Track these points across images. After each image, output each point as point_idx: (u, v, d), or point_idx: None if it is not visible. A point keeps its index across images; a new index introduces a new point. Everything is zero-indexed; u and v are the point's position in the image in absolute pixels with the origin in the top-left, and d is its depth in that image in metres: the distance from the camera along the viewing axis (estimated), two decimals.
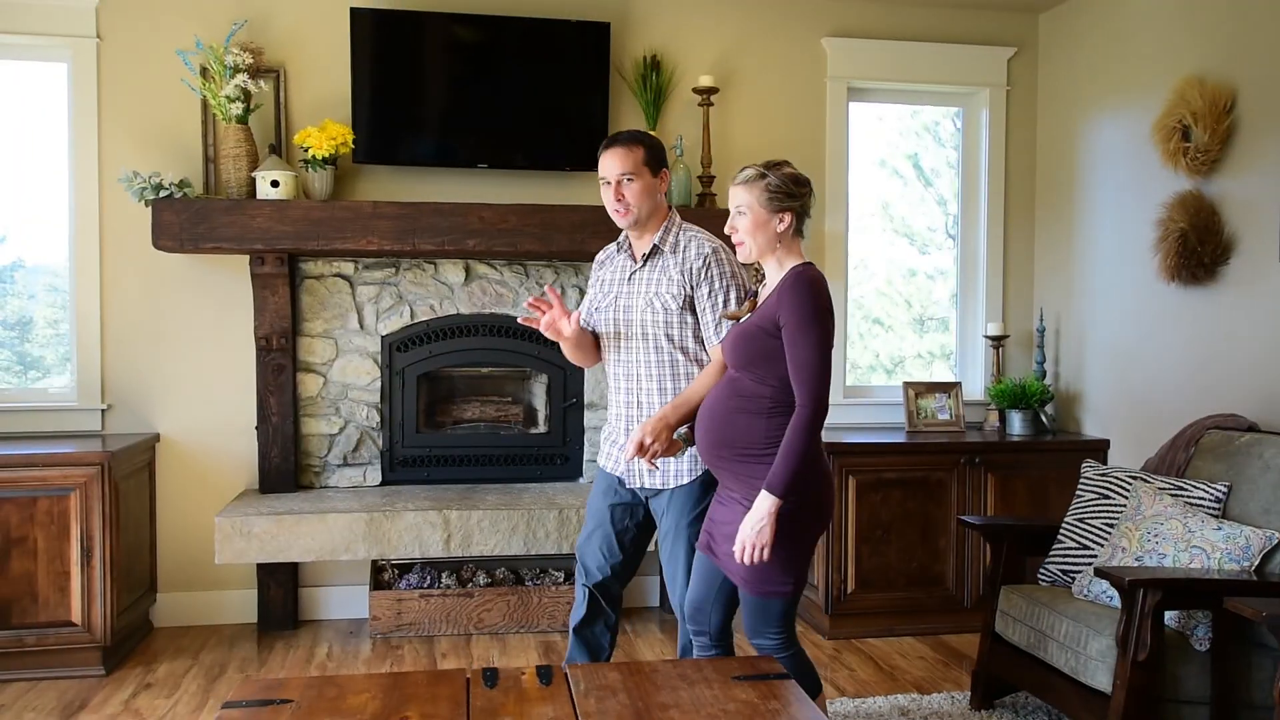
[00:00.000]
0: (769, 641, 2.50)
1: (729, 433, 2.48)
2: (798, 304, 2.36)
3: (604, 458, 2.93)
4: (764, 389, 2.43)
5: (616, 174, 2.71)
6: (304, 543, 3.84)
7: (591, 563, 2.89)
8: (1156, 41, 4.02)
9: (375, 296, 4.32)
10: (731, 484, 2.52)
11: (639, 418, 2.79)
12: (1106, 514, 3.23)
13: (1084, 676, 2.85)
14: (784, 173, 2.47)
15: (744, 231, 2.48)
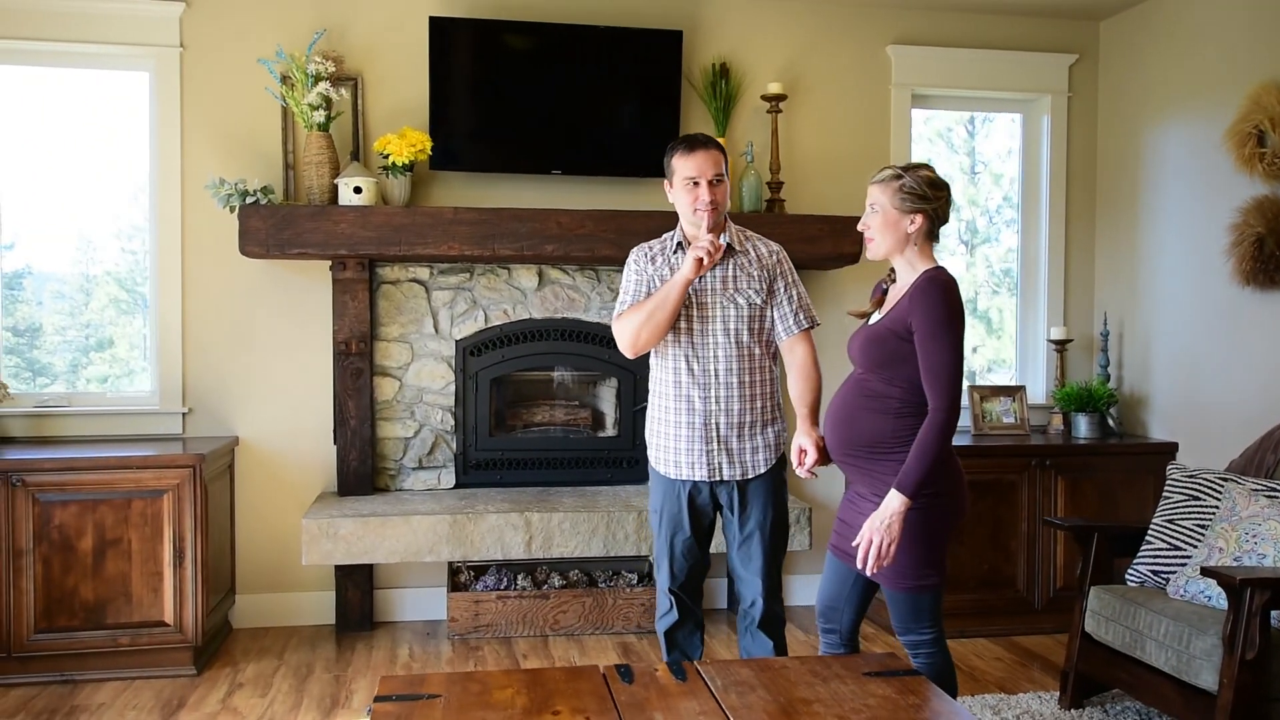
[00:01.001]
0: (922, 636, 2.54)
1: (858, 431, 2.52)
2: (931, 308, 2.41)
3: (670, 465, 2.87)
4: (893, 389, 2.48)
5: (711, 173, 2.78)
6: (389, 544, 3.89)
7: (677, 566, 2.90)
8: (1227, 49, 4.06)
9: (450, 301, 4.37)
10: (860, 482, 2.56)
11: (720, 414, 2.83)
12: (1197, 515, 3.26)
13: (1187, 675, 2.88)
14: (920, 175, 2.52)
15: (874, 229, 2.53)
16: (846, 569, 2.64)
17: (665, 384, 2.87)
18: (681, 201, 2.83)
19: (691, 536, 2.89)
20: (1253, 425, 3.82)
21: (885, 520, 2.39)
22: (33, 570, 3.60)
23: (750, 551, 2.88)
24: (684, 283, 2.74)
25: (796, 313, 2.91)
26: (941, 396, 2.39)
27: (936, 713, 2.09)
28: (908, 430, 2.46)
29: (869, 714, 2.07)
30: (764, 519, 2.88)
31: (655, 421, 2.91)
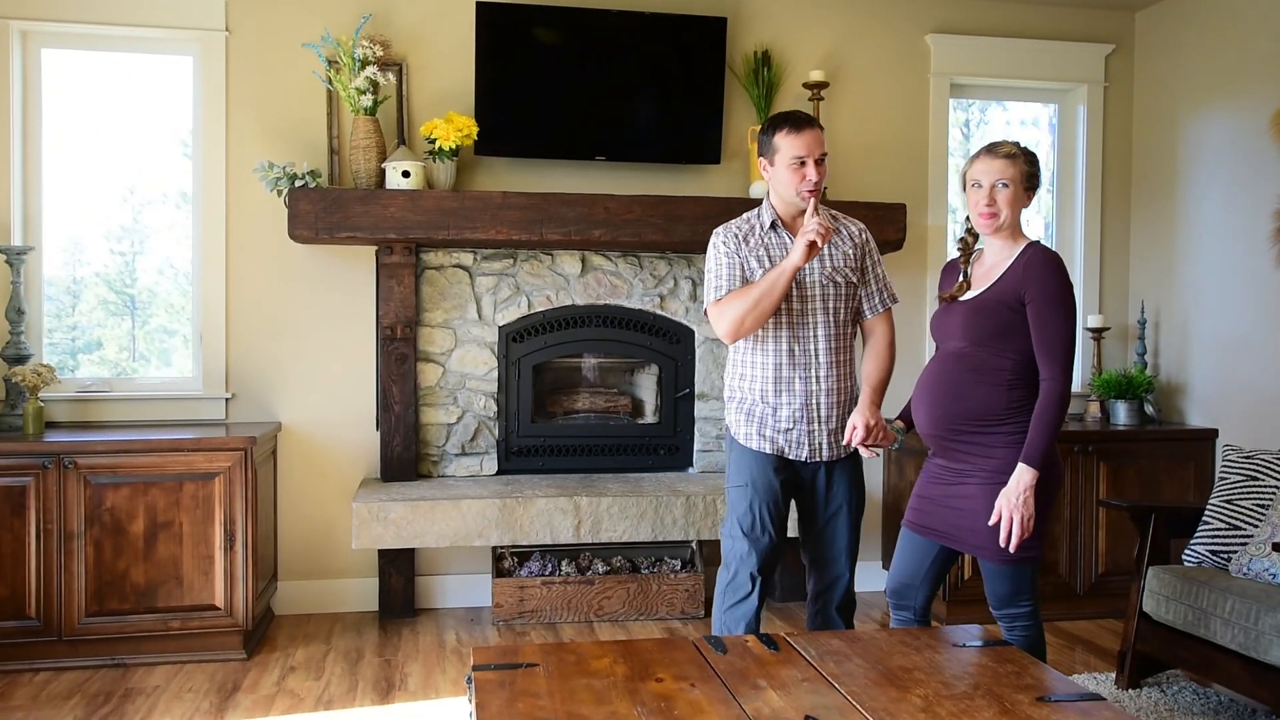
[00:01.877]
0: (1020, 609, 2.54)
1: (966, 405, 2.53)
2: (1049, 280, 2.44)
3: (766, 443, 2.84)
4: (1004, 361, 2.49)
5: (819, 152, 2.75)
6: (438, 528, 3.88)
7: (760, 550, 2.81)
8: (1270, 37, 4.08)
9: (493, 287, 4.36)
10: (963, 457, 2.56)
11: (820, 394, 2.82)
12: (1256, 495, 3.28)
13: (1256, 652, 2.89)
14: (1032, 154, 2.54)
15: (1004, 202, 2.52)
16: (926, 545, 2.65)
17: (764, 367, 2.82)
18: (785, 180, 2.77)
19: (777, 518, 2.84)
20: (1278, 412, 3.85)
21: (1021, 495, 2.41)
22: (84, 553, 3.58)
23: (836, 530, 2.87)
24: (794, 269, 2.68)
25: (880, 291, 2.92)
26: (1059, 367, 2.41)
27: (1038, 679, 2.09)
28: (1020, 401, 2.47)
29: (971, 680, 2.07)
30: (851, 497, 2.87)
31: (749, 403, 2.84)
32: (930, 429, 2.61)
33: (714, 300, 2.80)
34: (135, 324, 4.34)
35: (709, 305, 2.83)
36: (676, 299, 4.50)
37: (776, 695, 1.99)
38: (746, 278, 2.81)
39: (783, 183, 2.80)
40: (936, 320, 2.69)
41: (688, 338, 4.52)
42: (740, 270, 2.81)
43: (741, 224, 2.92)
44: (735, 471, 2.89)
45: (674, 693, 2.00)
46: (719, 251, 2.87)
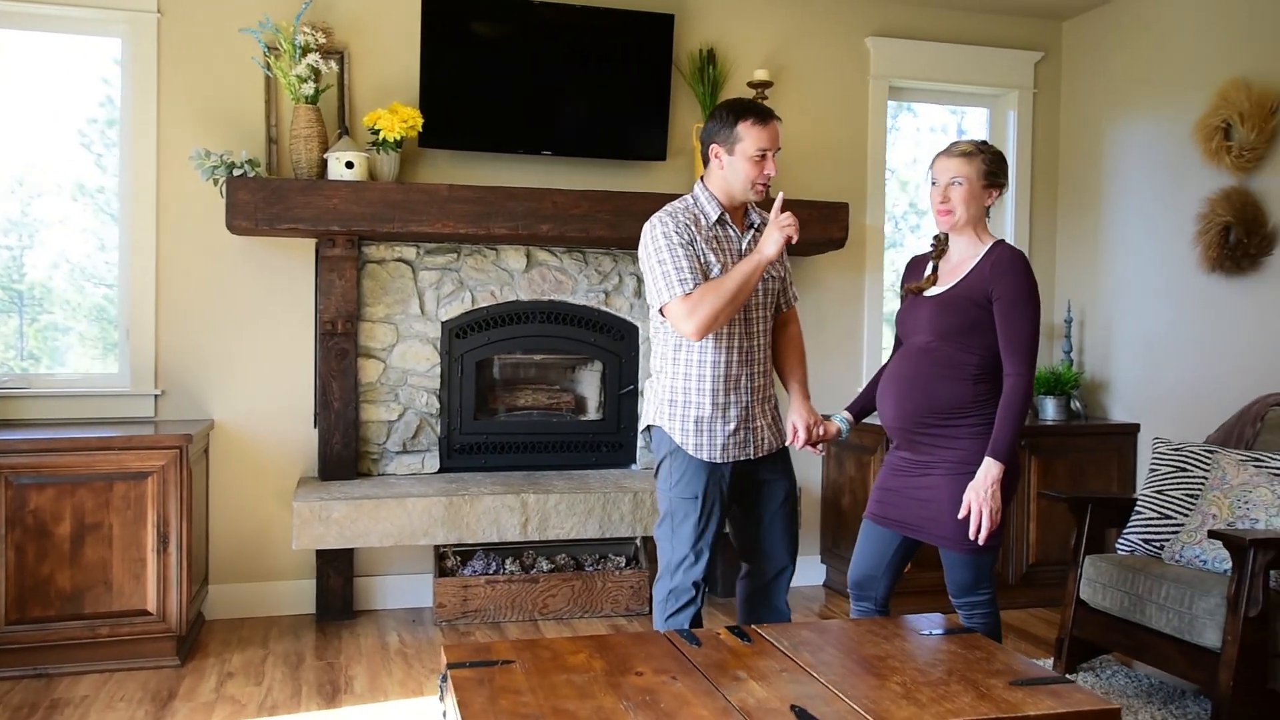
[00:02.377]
0: (980, 597, 2.60)
1: (933, 399, 2.57)
2: (1019, 281, 2.50)
3: (716, 450, 2.74)
4: (970, 357, 2.54)
5: (777, 146, 2.73)
6: (383, 528, 3.80)
7: (706, 560, 2.76)
8: (1194, 49, 4.27)
9: (437, 282, 4.29)
10: (927, 450, 2.61)
11: (764, 389, 2.82)
12: (1185, 485, 3.42)
13: (1191, 635, 3.02)
14: (994, 151, 2.60)
15: (958, 201, 2.57)
16: (889, 536, 2.69)
17: (715, 366, 2.73)
18: (742, 172, 2.70)
19: (723, 520, 2.82)
20: (1217, 405, 4.03)
21: (989, 488, 2.46)
22: (4, 557, 3.40)
23: (782, 521, 2.88)
24: (769, 262, 2.64)
25: (792, 285, 2.96)
26: (1024, 364, 2.47)
27: (1007, 664, 2.14)
28: (984, 395, 2.53)
29: (945, 667, 2.11)
30: (790, 487, 2.90)
31: (695, 409, 2.74)
32: (896, 422, 2.66)
33: (682, 294, 2.62)
34: (24, 321, 4.11)
35: (674, 300, 2.64)
36: (621, 295, 4.49)
37: (759, 686, 1.99)
38: (704, 271, 2.71)
39: (738, 174, 2.71)
40: (903, 315, 2.74)
41: (632, 334, 4.51)
42: (699, 263, 2.69)
43: (683, 214, 2.74)
44: (684, 483, 2.76)
45: (656, 686, 1.99)
46: (671, 242, 2.67)
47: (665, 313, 2.71)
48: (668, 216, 2.76)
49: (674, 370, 2.79)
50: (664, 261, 2.69)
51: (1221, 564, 3.13)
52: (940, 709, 1.87)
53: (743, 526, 2.91)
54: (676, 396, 2.78)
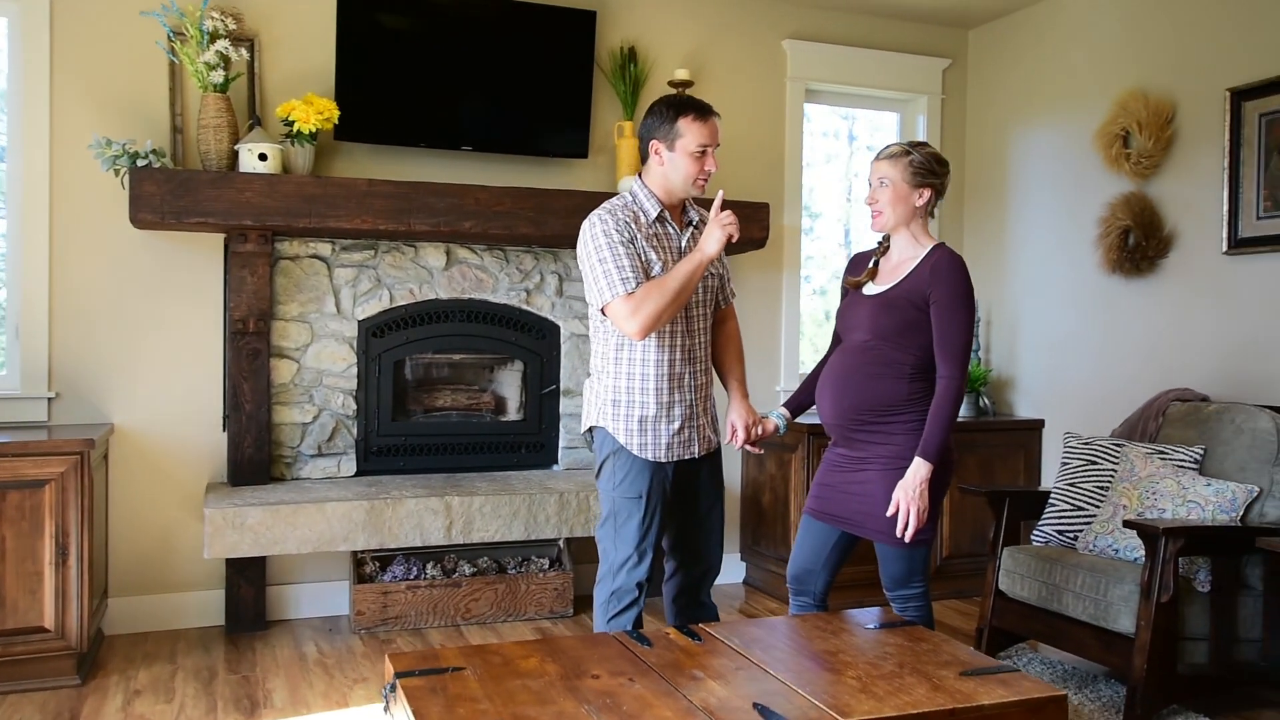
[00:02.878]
0: (914, 590, 2.64)
1: (871, 396, 2.60)
2: (955, 284, 2.55)
3: (661, 450, 2.72)
4: (907, 356, 2.58)
5: (717, 142, 2.72)
6: (300, 534, 3.66)
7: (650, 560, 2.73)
8: (1094, 60, 4.46)
9: (353, 279, 4.16)
10: (863, 446, 2.64)
11: (706, 387, 2.83)
12: (1096, 478, 3.56)
13: (1106, 621, 3.14)
14: (926, 152, 2.63)
15: (884, 203, 2.62)
16: (827, 531, 2.72)
17: (659, 364, 2.71)
18: (682, 168, 2.69)
19: (666, 520, 2.80)
20: (1116, 400, 4.21)
21: (917, 487, 2.50)
22: None
23: (712, 521, 2.89)
24: (710, 260, 2.63)
25: (730, 282, 2.96)
26: (956, 366, 2.52)
27: (954, 655, 2.19)
28: (919, 393, 2.58)
29: (895, 660, 2.14)
30: (721, 486, 2.91)
31: (639, 408, 2.71)
32: (834, 419, 2.69)
33: (625, 293, 2.59)
34: None
35: (616, 299, 2.61)
36: (543, 294, 4.43)
37: (717, 685, 1.98)
38: (645, 269, 2.68)
39: (679, 170, 2.70)
40: (843, 312, 2.77)
41: (553, 333, 4.47)
42: (640, 261, 2.67)
43: (623, 211, 2.71)
44: (628, 482, 2.73)
45: (615, 689, 1.96)
46: (612, 240, 2.64)
47: (607, 312, 2.68)
48: (607, 214, 2.73)
49: (616, 370, 2.76)
50: (605, 260, 2.66)
51: (1132, 552, 3.26)
52: (899, 701, 1.89)
53: (677, 526, 2.89)
54: (620, 396, 2.75)
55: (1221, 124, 3.86)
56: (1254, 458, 3.31)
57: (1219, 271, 3.90)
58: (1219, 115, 3.87)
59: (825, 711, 1.84)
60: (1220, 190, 3.86)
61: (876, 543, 2.66)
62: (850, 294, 2.77)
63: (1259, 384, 3.71)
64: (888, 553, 2.64)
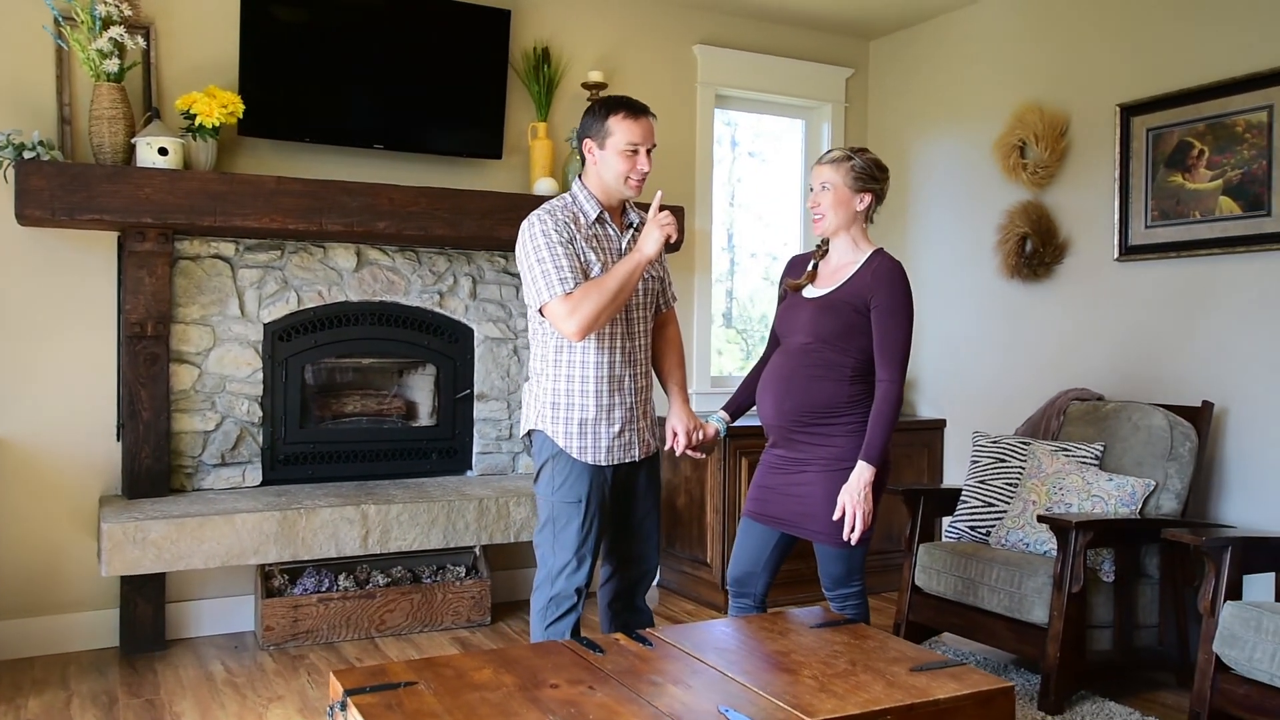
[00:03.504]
0: (852, 589, 2.68)
1: (812, 398, 2.63)
2: (896, 291, 2.61)
3: (601, 453, 2.70)
4: (847, 359, 2.62)
5: (651, 142, 2.70)
6: (208, 548, 3.49)
7: (590, 564, 2.72)
8: (992, 73, 4.64)
9: (258, 281, 3.99)
10: (804, 447, 2.67)
11: (646, 390, 2.82)
12: (1005, 475, 3.71)
13: (1020, 613, 3.27)
14: (868, 158, 2.68)
15: (826, 206, 2.66)
16: (767, 533, 2.75)
17: (598, 366, 2.69)
18: (614, 167, 2.67)
19: (605, 525, 2.78)
20: (1015, 401, 4.40)
21: (861, 491, 2.53)
22: None
23: (650, 525, 2.88)
24: (649, 261, 2.61)
25: (670, 286, 2.96)
26: (896, 369, 2.57)
27: (901, 651, 2.23)
28: (859, 395, 2.62)
29: (846, 658, 2.17)
30: (659, 490, 2.91)
31: (579, 410, 2.69)
32: (776, 420, 2.72)
33: (563, 293, 2.57)
34: None
35: (554, 299, 2.59)
36: (456, 296, 4.35)
37: (678, 690, 1.97)
38: (584, 270, 2.67)
39: (611, 169, 2.69)
40: (783, 314, 2.80)
41: (467, 337, 4.39)
42: (579, 261, 2.65)
43: (563, 212, 2.70)
44: (567, 486, 2.71)
45: (577, 698, 1.92)
46: (551, 240, 2.62)
47: (545, 312, 2.66)
48: (546, 215, 2.70)
49: (555, 373, 2.73)
50: (543, 260, 2.64)
51: (1042, 546, 3.41)
52: (860, 699, 1.92)
53: (614, 529, 2.87)
54: (559, 399, 2.72)
55: (1113, 137, 4.07)
56: (1150, 453, 3.50)
57: (1111, 277, 4.11)
58: (1110, 129, 4.08)
59: (791, 712, 1.85)
60: (1112, 200, 4.07)
61: (817, 544, 2.70)
62: (790, 296, 2.80)
63: (1149, 383, 3.93)
64: (828, 553, 2.68)
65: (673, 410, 2.83)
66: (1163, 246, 3.90)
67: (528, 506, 3.99)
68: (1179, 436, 3.48)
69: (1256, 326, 3.61)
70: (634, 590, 2.90)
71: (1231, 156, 3.67)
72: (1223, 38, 3.71)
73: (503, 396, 4.44)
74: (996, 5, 4.63)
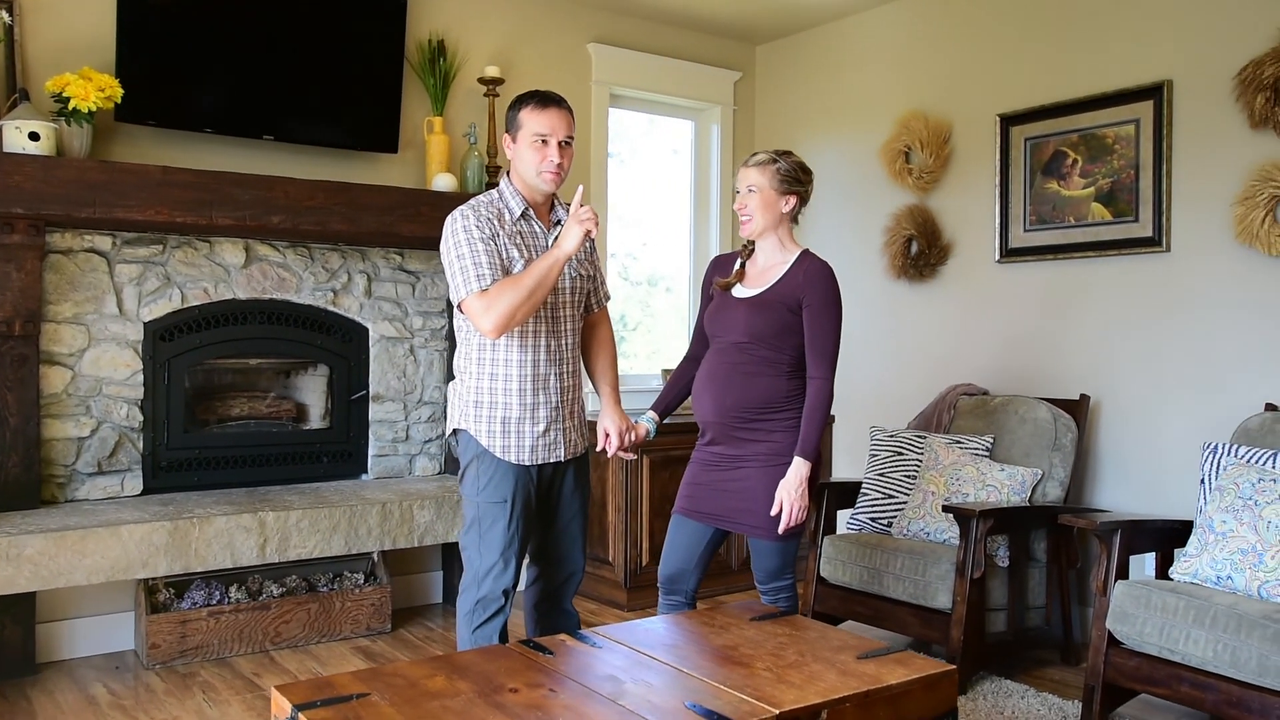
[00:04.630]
0: (784, 581, 2.73)
1: (751, 394, 2.67)
2: (827, 289, 2.68)
3: (525, 451, 2.66)
4: (783, 356, 2.67)
5: (565, 133, 2.65)
6: (91, 562, 3.25)
7: (516, 565, 2.67)
8: (877, 81, 4.82)
9: (138, 277, 3.75)
10: (742, 444, 2.70)
11: (572, 389, 2.79)
12: (903, 467, 3.86)
13: (925, 600, 3.41)
14: (792, 160, 2.73)
15: (753, 208, 2.69)
16: (700, 530, 2.77)
17: (521, 365, 2.65)
18: (526, 159, 2.64)
19: (532, 524, 2.74)
20: (903, 396, 4.58)
21: (798, 487, 2.58)
22: None
23: (577, 526, 2.86)
24: (567, 258, 2.56)
25: (602, 285, 2.94)
26: (828, 367, 2.64)
27: (843, 640, 2.29)
28: (795, 390, 2.67)
29: (793, 649, 2.22)
30: (587, 491, 2.89)
31: (501, 408, 2.65)
32: (715, 416, 2.74)
33: (478, 290, 2.53)
34: None
35: (470, 295, 2.55)
36: (350, 295, 4.20)
37: (638, 688, 1.97)
38: (506, 267, 2.63)
39: (524, 161, 2.66)
40: (713, 314, 2.82)
41: (361, 336, 4.25)
42: (500, 258, 2.61)
43: (487, 207, 2.65)
44: (492, 486, 2.66)
45: (540, 701, 1.89)
46: (472, 236, 2.58)
47: (463, 309, 2.62)
48: (470, 210, 2.66)
49: (479, 371, 2.68)
50: (463, 256, 2.59)
51: (942, 535, 3.56)
52: (818, 688, 1.96)
53: (540, 531, 2.84)
54: (483, 398, 2.67)
55: (994, 146, 4.29)
56: (1036, 444, 3.71)
57: (992, 278, 4.33)
58: (991, 138, 4.31)
59: (757, 705, 1.87)
60: (993, 205, 4.29)
61: (752, 538, 2.74)
62: (719, 296, 2.83)
63: (1029, 377, 4.16)
64: (764, 548, 2.73)
65: (604, 411, 2.82)
66: (1040, 249, 4.14)
67: (432, 509, 3.89)
68: (1061, 428, 3.70)
69: (1125, 324, 3.88)
70: (561, 592, 2.87)
71: (1103, 166, 3.93)
72: (1095, 56, 3.97)
73: (399, 397, 4.32)
74: (881, 17, 4.81)
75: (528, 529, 2.72)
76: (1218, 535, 2.92)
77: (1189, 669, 2.80)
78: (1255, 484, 2.91)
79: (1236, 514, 2.90)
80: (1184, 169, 3.70)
